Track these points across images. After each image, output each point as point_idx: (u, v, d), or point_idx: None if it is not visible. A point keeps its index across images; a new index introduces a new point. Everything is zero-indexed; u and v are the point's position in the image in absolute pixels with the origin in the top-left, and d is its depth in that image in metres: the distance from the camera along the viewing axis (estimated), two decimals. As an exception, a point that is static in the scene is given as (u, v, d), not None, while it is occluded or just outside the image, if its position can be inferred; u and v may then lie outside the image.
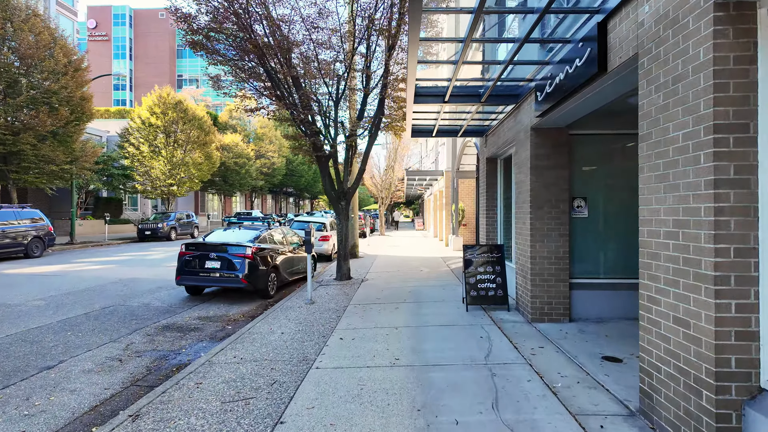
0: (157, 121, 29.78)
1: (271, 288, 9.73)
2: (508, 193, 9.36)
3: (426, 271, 12.32)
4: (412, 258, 16.08)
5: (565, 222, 6.55)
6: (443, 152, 21.65)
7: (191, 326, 7.40)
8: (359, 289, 9.85)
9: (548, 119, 6.12)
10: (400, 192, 40.48)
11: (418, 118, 8.91)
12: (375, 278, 11.35)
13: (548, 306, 6.54)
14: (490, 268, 7.43)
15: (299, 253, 11.67)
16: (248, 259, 9.08)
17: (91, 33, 63.58)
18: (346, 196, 10.84)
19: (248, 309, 8.70)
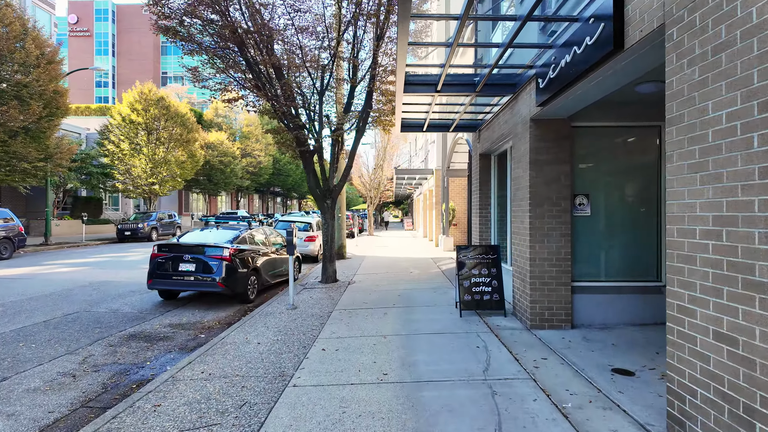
0: (138, 118, 28.84)
1: (251, 292, 9.11)
2: (503, 191, 8.87)
3: (416, 273, 11.80)
4: (401, 259, 15.55)
5: (566, 221, 6.07)
6: (433, 150, 21.17)
7: (160, 335, 6.76)
8: (345, 292, 9.28)
9: (549, 109, 5.63)
10: (389, 191, 39.97)
11: (408, 110, 8.37)
12: (363, 280, 10.78)
13: (549, 312, 6.05)
14: (485, 271, 6.92)
15: (283, 255, 11.06)
16: (225, 261, 8.46)
17: (72, 28, 61.91)
18: (332, 194, 10.27)
19: (225, 315, 8.08)
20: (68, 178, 25.60)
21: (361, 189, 35.86)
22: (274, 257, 10.34)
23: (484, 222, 9.51)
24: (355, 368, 4.71)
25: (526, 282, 6.16)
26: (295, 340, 5.93)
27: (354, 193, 79.92)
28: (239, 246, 8.95)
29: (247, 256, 9.05)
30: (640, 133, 6.33)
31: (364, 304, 8.00)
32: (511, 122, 6.98)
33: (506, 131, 7.35)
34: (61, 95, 18.92)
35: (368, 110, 9.97)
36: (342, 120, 9.51)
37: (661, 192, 6.27)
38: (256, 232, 10.09)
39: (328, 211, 10.28)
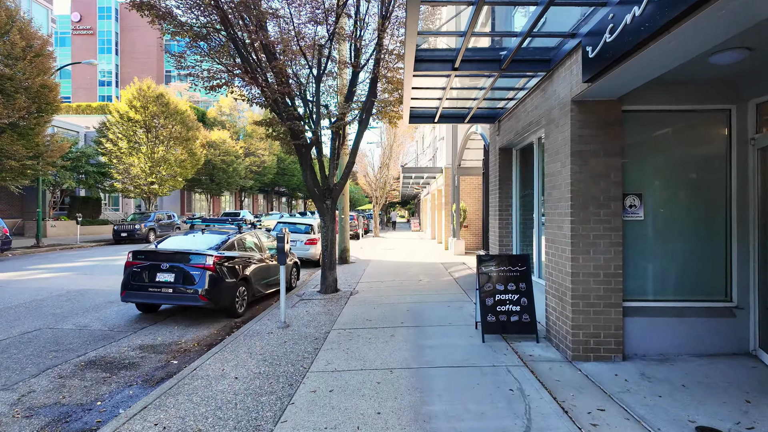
0: (137, 116, 27.94)
1: (240, 305, 8.03)
2: (528, 190, 7.71)
3: (426, 281, 10.65)
4: (408, 264, 14.40)
5: (617, 227, 4.90)
6: (442, 147, 19.99)
7: (126, 361, 5.69)
8: (347, 306, 8.15)
9: (598, 87, 4.47)
10: (395, 191, 38.83)
11: (418, 96, 7.25)
12: (366, 290, 9.66)
13: (595, 339, 4.89)
14: (513, 286, 5.76)
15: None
16: (209, 271, 7.37)
17: (75, 26, 61.28)
18: (332, 194, 9.15)
19: (207, 333, 7.00)
20: (63, 178, 24.71)
21: (367, 189, 34.75)
22: (269, 264, 9.25)
23: (504, 225, 8.35)
24: (353, 424, 3.58)
25: (566, 302, 5.00)
26: (281, 373, 4.81)
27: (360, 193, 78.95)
28: (226, 253, 7.86)
29: (236, 264, 7.96)
30: (706, 119, 5.15)
31: (368, 322, 6.87)
32: (543, 107, 5.82)
33: (535, 118, 6.19)
34: (50, 90, 17.97)
35: (372, 100, 8.85)
36: (343, 110, 8.39)
37: (730, 191, 5.09)
38: (248, 236, 9.00)
39: (328, 213, 9.17)
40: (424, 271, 12.39)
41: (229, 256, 7.90)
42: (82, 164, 25.99)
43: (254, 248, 8.98)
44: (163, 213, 26.83)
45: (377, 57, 8.43)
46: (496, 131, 8.54)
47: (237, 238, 8.51)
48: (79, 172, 26.58)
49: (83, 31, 61.09)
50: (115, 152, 27.39)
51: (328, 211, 9.17)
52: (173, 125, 29.25)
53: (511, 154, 8.35)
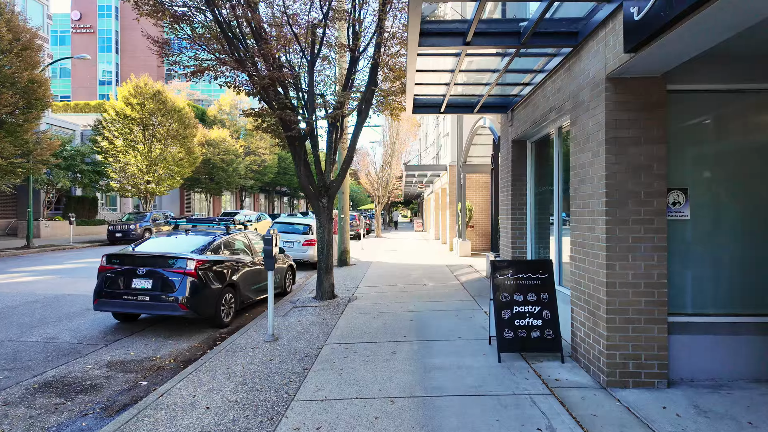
0: (133, 113, 27.27)
1: (227, 314, 7.28)
2: (545, 187, 6.93)
3: (431, 286, 9.87)
4: (412, 266, 13.62)
5: (661, 227, 4.12)
6: (447, 144, 19.20)
7: (88, 382, 4.94)
8: (344, 314, 7.39)
9: (642, 60, 3.70)
10: (398, 190, 38.06)
11: (423, 82, 6.48)
12: (366, 296, 8.89)
13: (635, 362, 4.10)
14: (533, 296, 4.98)
15: (279, 263, 9.21)
16: (190, 277, 6.63)
17: (75, 25, 60.74)
18: (328, 192, 8.39)
19: (187, 347, 6.25)
20: (57, 177, 24.05)
21: (369, 188, 34.00)
22: (260, 268, 8.50)
23: (518, 226, 7.57)
24: (342, 479, 2.81)
25: (600, 317, 4.22)
26: (261, 402, 4.05)
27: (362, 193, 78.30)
28: (210, 256, 7.12)
29: (221, 269, 7.22)
30: (764, 100, 4.36)
31: (366, 335, 6.11)
32: (568, 89, 5.04)
33: (557, 104, 5.41)
34: (39, 85, 17.28)
35: (373, 89, 8.08)
36: (341, 98, 7.63)
37: (793, 186, 4.30)
38: (237, 237, 8.25)
39: (324, 212, 8.41)
40: (428, 275, 11.61)
41: (213, 259, 7.15)
42: (77, 163, 25.32)
43: (244, 251, 8.23)
44: (160, 213, 26.13)
45: (378, 41, 7.67)
46: (508, 122, 7.76)
47: (224, 239, 7.76)
48: (74, 171, 25.91)
49: (83, 29, 60.55)
50: (110, 151, 26.74)
51: (325, 210, 8.42)
52: (171, 123, 28.58)
53: (525, 147, 7.57)
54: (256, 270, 8.44)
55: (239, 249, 8.16)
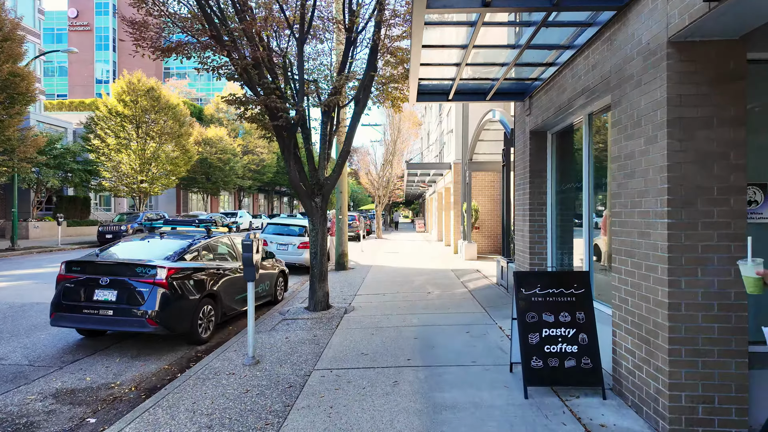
0: (125, 110, 26.42)
1: (205, 328, 6.39)
2: (567, 184, 6.04)
3: (436, 295, 8.96)
4: (414, 270, 12.72)
5: (739, 234, 3.21)
6: (451, 141, 18.30)
7: (23, 420, 4.06)
8: (338, 329, 6.49)
9: (719, 17, 2.80)
10: (399, 190, 37.17)
11: (430, 62, 5.58)
12: (365, 306, 7.99)
13: (706, 406, 3.20)
14: (567, 317, 4.07)
15: (262, 269, 8.33)
16: (161, 287, 5.75)
17: (72, 23, 59.90)
18: (322, 190, 7.50)
19: (155, 369, 5.37)
20: (46, 176, 23.18)
21: (369, 187, 33.10)
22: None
23: (536, 229, 6.66)
24: None
25: (659, 347, 3.32)
26: (225, 457, 3.15)
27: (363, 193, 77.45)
28: (185, 263, 6.23)
29: (199, 277, 6.33)
30: None
31: (363, 358, 5.20)
32: (610, 64, 4.14)
33: (591, 83, 4.50)
34: (22, 79, 16.41)
35: (372, 74, 7.19)
36: (338, 83, 6.73)
37: None
38: (220, 241, 7.36)
39: (318, 213, 7.51)
40: (432, 281, 10.70)
41: (190, 267, 6.26)
42: (66, 162, 24.44)
43: (227, 256, 7.34)
44: (153, 213, 25.25)
45: (377, 19, 6.78)
46: (525, 111, 6.86)
47: (203, 244, 6.87)
48: (64, 170, 25.05)
49: (80, 27, 59.74)
50: (102, 149, 25.90)
51: (318, 210, 7.52)
52: (165, 120, 27.73)
53: (545, 139, 6.67)
54: (242, 277, 7.55)
55: (222, 254, 7.27)
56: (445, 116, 20.01)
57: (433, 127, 27.71)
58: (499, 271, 9.40)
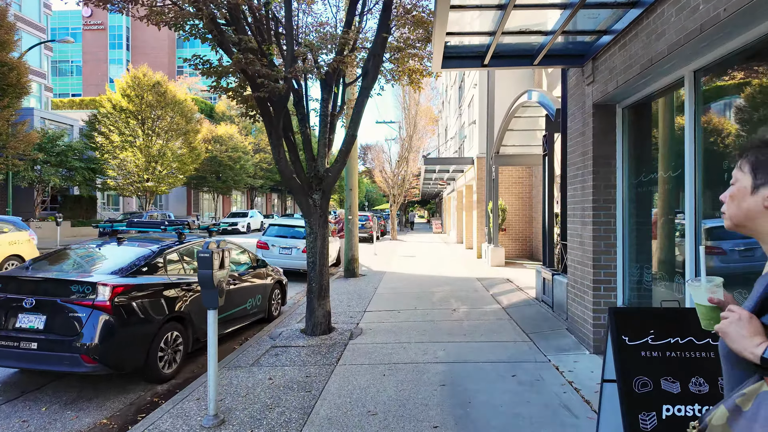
0: (129, 105, 25.40)
1: (169, 362, 4.95)
2: (653, 173, 4.40)
3: (463, 313, 7.37)
4: (434, 279, 11.13)
5: None
6: (473, 133, 16.63)
7: None
8: (339, 366, 4.95)
9: None
10: (415, 189, 35.57)
11: (462, 3, 4.01)
12: (375, 329, 6.44)
13: None
14: (703, 385, 2.45)
15: (251, 281, 6.88)
16: (103, 312, 4.32)
17: (86, 22, 59.68)
18: (321, 185, 5.99)
19: (87, 426, 3.91)
20: (47, 174, 22.23)
21: (383, 186, 31.56)
22: (230, 289, 6.16)
23: (602, 234, 5.03)
24: None
25: None
26: None
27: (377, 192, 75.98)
28: (142, 279, 4.79)
29: (163, 296, 4.89)
30: None
31: (369, 420, 3.65)
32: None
33: (732, 7, 2.87)
34: (11, 69, 15.31)
35: (384, 36, 5.64)
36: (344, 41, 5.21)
37: None
38: (193, 248, 5.90)
39: (317, 213, 6.00)
40: (456, 293, 9.10)
41: (148, 283, 4.82)
42: (68, 159, 23.46)
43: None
44: (157, 213, 24.17)
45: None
46: (586, 78, 5.23)
47: (170, 252, 5.41)
48: (67, 168, 24.08)
49: (94, 26, 59.52)
50: (107, 146, 24.91)
51: (317, 210, 6.00)
52: (172, 116, 26.65)
53: (613, 115, 5.03)
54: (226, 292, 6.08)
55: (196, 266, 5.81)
56: (466, 107, 18.36)
57: (451, 121, 26.04)
58: (539, 284, 7.76)
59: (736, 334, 1.09)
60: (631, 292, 4.89)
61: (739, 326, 1.09)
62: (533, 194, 14.63)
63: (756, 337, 1.06)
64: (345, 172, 11.88)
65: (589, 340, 5.10)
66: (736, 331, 1.10)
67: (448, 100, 29.22)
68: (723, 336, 1.14)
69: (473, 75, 16.37)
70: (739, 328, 1.09)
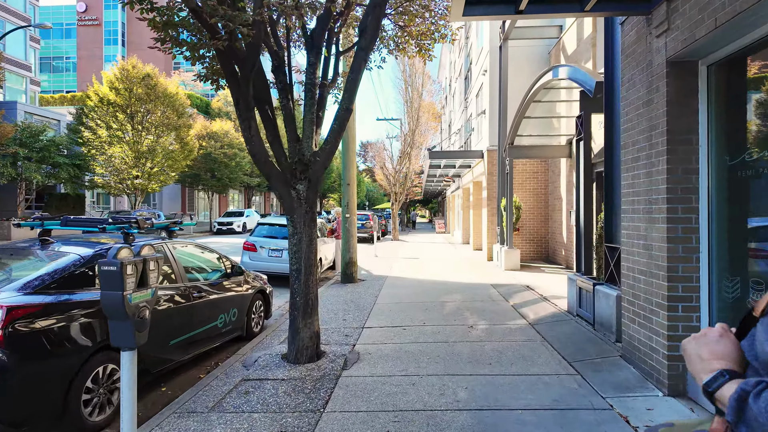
0: (118, 99, 24.14)
1: (99, 406, 3.70)
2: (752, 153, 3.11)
3: (482, 330, 6.08)
4: (443, 285, 9.84)
5: None
6: (483, 125, 15.33)
7: None
8: (326, 413, 3.66)
9: None
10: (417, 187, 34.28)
11: None
12: (374, 354, 5.16)
13: None
14: None
15: (224, 293, 5.62)
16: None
17: (80, 17, 58.34)
18: (307, 172, 4.71)
19: None
20: (27, 170, 20.97)
21: (384, 184, 30.29)
22: (192, 305, 4.91)
23: (680, 235, 3.74)
24: None
25: None
26: None
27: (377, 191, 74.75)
28: (57, 296, 3.53)
29: (91, 319, 3.63)
30: None
31: None
32: None
33: None
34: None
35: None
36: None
37: None
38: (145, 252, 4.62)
39: (301, 208, 4.73)
40: (471, 303, 7.82)
41: (66, 302, 3.55)
42: (51, 155, 22.19)
43: (164, 278, 4.62)
44: (146, 212, 22.88)
45: None
46: (655, 28, 3.94)
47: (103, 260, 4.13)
48: (51, 165, 22.81)
49: (89, 21, 58.18)
50: (93, 141, 23.64)
51: (302, 203, 4.72)
52: (163, 111, 25.39)
53: (694, 74, 3.75)
54: (187, 307, 4.83)
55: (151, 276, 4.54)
56: (474, 98, 17.07)
57: (456, 116, 24.74)
58: (573, 295, 6.48)
59: (693, 354, 0.91)
60: (721, 313, 3.62)
61: (698, 344, 0.90)
62: (549, 190, 13.34)
63: (714, 362, 0.86)
64: (342, 165, 10.60)
65: (660, 375, 3.82)
66: (693, 350, 0.91)
67: (452, 94, 27.94)
68: (683, 354, 0.95)
69: (482, 61, 15.08)
70: (698, 347, 0.90)
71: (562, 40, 11.93)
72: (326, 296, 8.66)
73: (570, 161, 11.34)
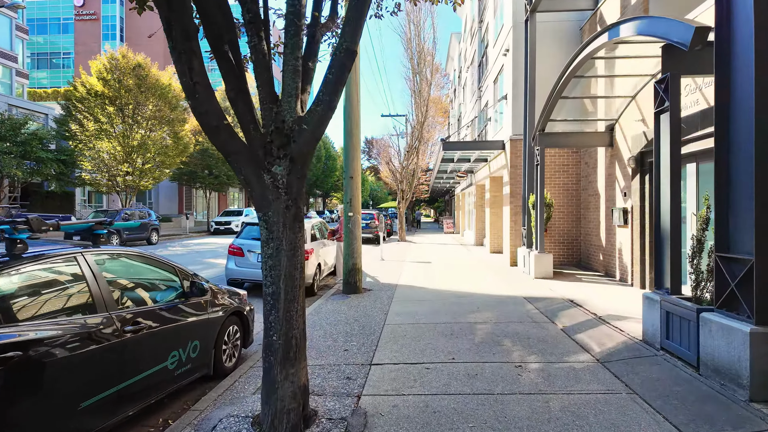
0: (106, 90, 22.64)
1: None
2: None
3: (536, 371, 4.45)
4: (465, 298, 8.21)
5: None
6: (504, 112, 13.65)
7: None
8: None
9: None
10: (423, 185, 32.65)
11: None
12: (387, 421, 3.54)
13: None
14: None
15: (178, 320, 4.04)
16: None
17: (78, 12, 56.95)
18: (289, 146, 3.09)
19: None
20: (6, 165, 19.47)
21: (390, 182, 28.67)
22: (122, 342, 3.33)
23: None
24: None
25: None
26: None
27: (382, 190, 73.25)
28: None
29: None
30: None
31: None
32: None
33: None
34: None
35: None
36: None
37: None
38: (30, 270, 3.04)
39: (279, 201, 3.12)
40: (507, 327, 6.17)
41: None
42: (33, 149, 20.69)
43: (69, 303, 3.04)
44: (135, 210, 21.34)
45: None
46: None
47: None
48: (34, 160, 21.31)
49: (86, 16, 56.75)
50: (80, 135, 22.16)
51: (281, 194, 3.12)
52: (155, 103, 23.87)
53: None
54: (113, 347, 3.24)
55: (37, 301, 2.98)
56: (491, 84, 15.40)
57: (467, 107, 23.09)
58: (653, 319, 4.83)
59: None
60: None
61: None
62: (582, 185, 11.67)
63: None
64: (344, 154, 8.97)
65: None
66: None
67: (461, 85, 26.28)
68: None
69: (502, 41, 13.42)
70: None
71: (599, 11, 10.27)
72: (324, 312, 7.06)
73: (610, 150, 9.68)
